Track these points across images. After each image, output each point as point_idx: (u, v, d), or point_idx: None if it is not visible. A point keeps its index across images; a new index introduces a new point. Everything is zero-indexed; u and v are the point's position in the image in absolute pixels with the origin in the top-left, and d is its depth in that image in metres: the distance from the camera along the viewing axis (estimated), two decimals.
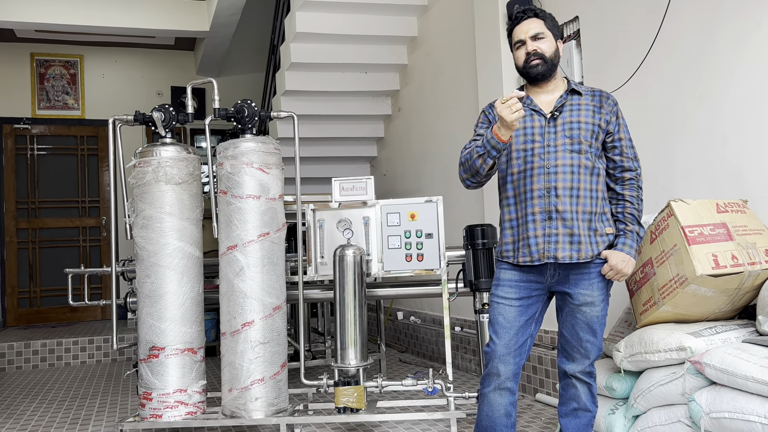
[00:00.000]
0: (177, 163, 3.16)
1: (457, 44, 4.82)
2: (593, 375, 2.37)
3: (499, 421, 2.33)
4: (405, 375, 4.60)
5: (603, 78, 3.37)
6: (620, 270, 2.27)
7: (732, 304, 2.46)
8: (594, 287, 2.30)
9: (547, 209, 2.28)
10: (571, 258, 2.26)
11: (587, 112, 2.33)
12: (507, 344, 2.33)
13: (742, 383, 2.09)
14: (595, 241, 2.29)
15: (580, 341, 2.33)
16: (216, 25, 6.46)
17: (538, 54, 2.31)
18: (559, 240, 2.27)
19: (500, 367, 2.32)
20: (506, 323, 2.34)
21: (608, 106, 2.36)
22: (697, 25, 2.87)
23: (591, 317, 2.31)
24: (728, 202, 2.52)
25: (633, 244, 2.30)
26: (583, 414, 2.37)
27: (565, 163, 2.28)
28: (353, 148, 6.38)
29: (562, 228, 2.27)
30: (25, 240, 7.30)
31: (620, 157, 2.35)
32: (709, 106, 2.83)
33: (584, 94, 2.37)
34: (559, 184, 2.28)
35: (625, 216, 2.34)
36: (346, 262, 3.07)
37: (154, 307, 3.11)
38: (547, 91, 2.38)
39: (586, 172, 2.29)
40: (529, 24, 2.35)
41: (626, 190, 2.35)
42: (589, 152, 2.30)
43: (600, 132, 2.32)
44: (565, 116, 2.33)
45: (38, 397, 4.50)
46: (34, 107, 7.42)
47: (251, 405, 3.01)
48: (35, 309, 7.30)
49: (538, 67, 2.32)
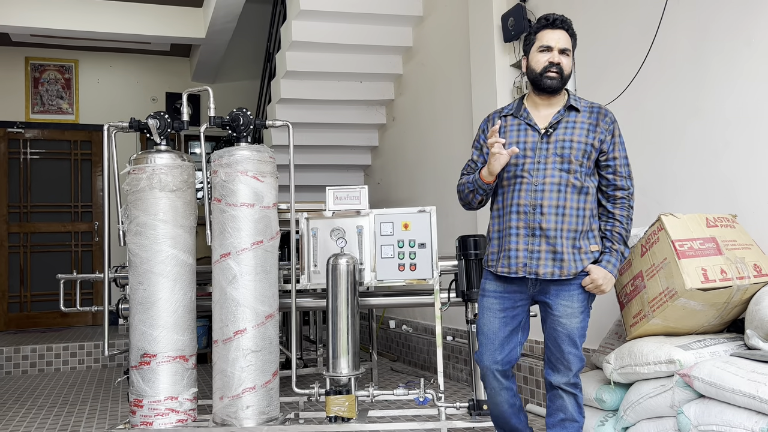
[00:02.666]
0: (171, 171, 3.17)
1: (451, 55, 4.85)
2: (578, 386, 2.40)
3: (507, 411, 2.48)
4: (396, 384, 4.60)
5: (596, 91, 3.41)
6: (599, 285, 2.30)
7: (721, 318, 2.49)
8: (574, 299, 2.33)
9: (531, 225, 2.31)
10: (553, 275, 2.30)
11: (582, 130, 2.34)
12: (492, 354, 2.41)
13: (730, 396, 2.11)
14: (579, 258, 2.32)
15: (562, 353, 2.36)
16: (212, 32, 6.48)
17: (560, 68, 2.32)
18: (541, 257, 2.30)
19: (488, 374, 2.43)
20: (491, 334, 2.41)
21: (605, 124, 2.36)
22: (690, 41, 2.91)
23: (571, 329, 2.33)
24: (718, 217, 2.55)
25: (616, 263, 2.34)
26: (570, 424, 2.40)
27: (553, 182, 2.31)
28: (347, 156, 6.40)
29: (545, 245, 2.30)
30: (16, 244, 7.27)
31: (613, 176, 2.37)
32: (701, 120, 2.86)
33: (582, 110, 2.38)
34: (545, 202, 2.30)
35: (612, 234, 2.36)
36: (339, 271, 3.08)
37: (147, 314, 3.10)
38: (549, 105, 2.39)
39: (573, 191, 2.31)
40: (562, 35, 2.35)
41: (617, 209, 2.37)
42: (579, 171, 2.32)
43: (593, 151, 2.34)
44: (558, 133, 2.33)
45: (27, 403, 4.47)
46: (28, 111, 7.40)
47: (242, 413, 3.01)
48: (26, 314, 7.26)
49: (554, 81, 2.33)
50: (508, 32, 3.99)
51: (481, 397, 3.14)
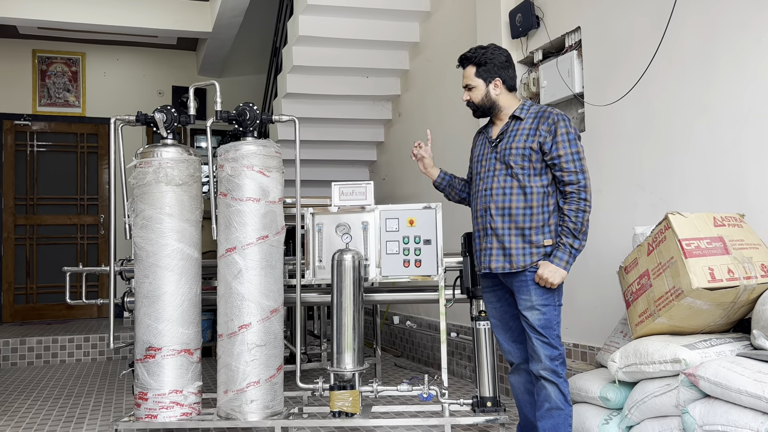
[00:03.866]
0: (178, 165, 3.17)
1: (458, 51, 4.79)
2: (560, 375, 2.52)
3: (522, 398, 2.73)
4: (400, 380, 4.61)
5: (604, 89, 3.39)
6: (546, 279, 2.48)
7: (727, 318, 2.48)
8: (531, 293, 2.53)
9: (485, 226, 2.62)
10: (504, 268, 2.56)
11: (522, 137, 2.58)
12: (506, 339, 2.73)
13: (736, 397, 2.10)
14: (529, 252, 2.54)
15: (530, 341, 2.55)
16: (219, 26, 6.47)
17: (469, 102, 2.72)
18: (493, 253, 2.59)
19: (509, 357, 2.73)
20: (498, 324, 2.75)
21: (545, 126, 2.55)
22: (699, 39, 2.89)
23: (532, 320, 2.53)
24: (725, 216, 2.53)
25: (563, 256, 2.50)
26: (556, 413, 2.51)
27: (498, 186, 2.59)
28: (353, 151, 6.39)
29: (495, 242, 2.58)
30: (22, 236, 7.30)
31: (560, 172, 2.55)
32: (709, 118, 2.85)
33: (525, 118, 2.62)
34: (492, 205, 2.59)
35: (562, 229, 2.53)
36: (344, 267, 3.08)
37: (152, 307, 3.11)
38: (500, 119, 2.69)
39: (518, 192, 2.55)
40: (464, 73, 2.72)
41: (566, 204, 2.53)
42: (521, 174, 2.56)
43: (532, 153, 2.55)
44: (503, 143, 2.62)
45: (33, 394, 4.50)
46: (35, 104, 7.42)
47: (246, 407, 3.02)
48: (31, 305, 7.29)
49: (474, 112, 2.74)
50: (515, 28, 3.98)
51: (485, 394, 3.14)
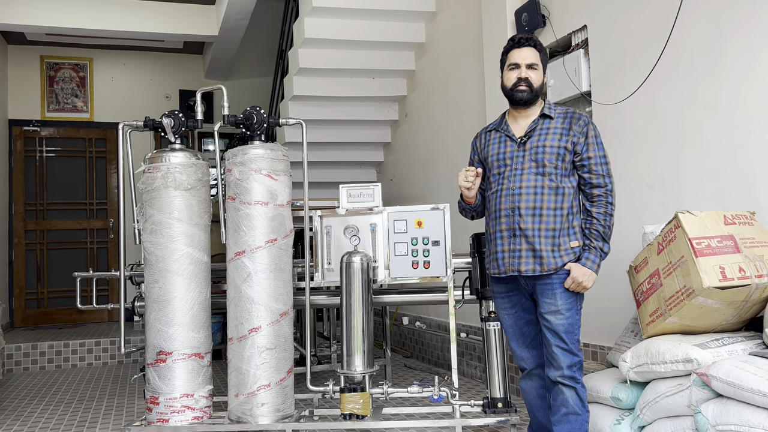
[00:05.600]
0: (186, 169, 3.18)
1: (464, 51, 4.83)
2: (578, 380, 2.50)
3: (534, 403, 2.70)
4: (410, 381, 4.60)
5: (611, 87, 3.38)
6: (580, 283, 2.45)
7: (739, 317, 2.46)
8: (557, 297, 2.48)
9: (512, 227, 2.53)
10: (534, 271, 2.49)
11: (554, 135, 2.53)
12: (520, 346, 2.68)
13: (749, 396, 2.09)
14: (558, 254, 2.48)
15: (550, 346, 2.50)
16: (225, 30, 6.49)
17: (528, 82, 2.55)
18: (522, 255, 2.51)
19: (521, 363, 2.69)
20: (510, 329, 2.69)
21: (578, 127, 2.53)
22: (707, 36, 2.87)
23: (556, 325, 2.48)
24: (736, 214, 2.52)
25: (595, 259, 2.48)
26: (573, 418, 2.48)
27: (529, 185, 2.52)
28: (360, 153, 6.40)
29: (525, 244, 2.50)
30: (33, 241, 7.35)
31: (589, 174, 2.53)
32: (718, 116, 2.83)
33: (555, 117, 2.57)
34: (522, 204, 2.51)
35: (591, 232, 2.51)
36: (353, 269, 3.08)
37: (162, 311, 3.12)
38: (526, 116, 2.61)
39: (550, 192, 2.50)
40: (528, 52, 2.58)
41: (594, 207, 2.52)
42: (554, 174, 2.51)
43: (567, 153, 2.52)
44: (533, 141, 2.55)
45: (45, 399, 4.53)
46: (44, 109, 7.47)
47: (257, 410, 3.02)
48: (42, 310, 7.34)
49: (524, 93, 2.56)
50: (521, 27, 3.97)
51: (495, 395, 3.13)
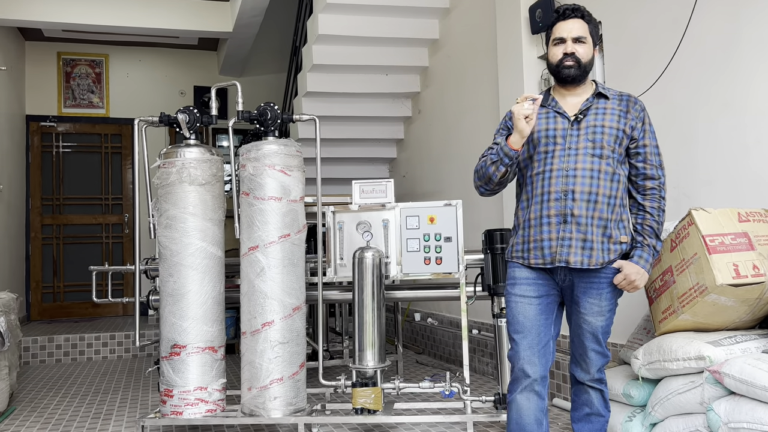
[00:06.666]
0: (201, 165, 3.21)
1: (478, 47, 4.82)
2: (604, 381, 2.39)
3: (530, 429, 2.26)
4: (422, 376, 4.62)
5: (625, 83, 3.36)
6: (632, 281, 2.23)
7: (752, 314, 2.45)
8: (603, 297, 2.27)
9: (563, 212, 2.25)
10: (582, 263, 2.23)
11: (612, 116, 2.29)
12: (530, 344, 2.28)
13: (762, 394, 2.08)
14: (608, 248, 2.25)
15: (585, 350, 2.34)
16: (239, 26, 6.52)
17: (575, 57, 2.29)
18: (572, 244, 2.23)
19: (526, 368, 2.26)
20: (527, 322, 2.29)
21: (635, 111, 2.32)
22: (722, 33, 2.85)
23: (596, 327, 2.29)
24: (750, 211, 2.50)
25: (649, 258, 2.27)
26: (596, 419, 2.39)
27: (585, 167, 2.25)
28: (373, 149, 6.41)
29: (576, 232, 2.23)
30: (49, 236, 7.43)
31: (643, 164, 2.31)
32: (732, 113, 2.81)
33: (611, 98, 2.33)
34: (577, 188, 2.24)
35: (644, 228, 2.30)
36: (366, 265, 3.10)
37: (177, 305, 3.16)
38: (575, 94, 2.35)
39: (606, 177, 2.25)
40: (575, 24, 2.30)
41: (647, 201, 2.31)
42: (611, 158, 2.26)
43: (624, 137, 2.29)
44: (589, 120, 2.29)
45: (61, 391, 4.59)
46: (60, 105, 7.55)
47: (270, 404, 3.05)
48: (58, 304, 7.43)
49: (570, 69, 2.30)
50: (535, 23, 3.96)
51: (506, 391, 3.14)
